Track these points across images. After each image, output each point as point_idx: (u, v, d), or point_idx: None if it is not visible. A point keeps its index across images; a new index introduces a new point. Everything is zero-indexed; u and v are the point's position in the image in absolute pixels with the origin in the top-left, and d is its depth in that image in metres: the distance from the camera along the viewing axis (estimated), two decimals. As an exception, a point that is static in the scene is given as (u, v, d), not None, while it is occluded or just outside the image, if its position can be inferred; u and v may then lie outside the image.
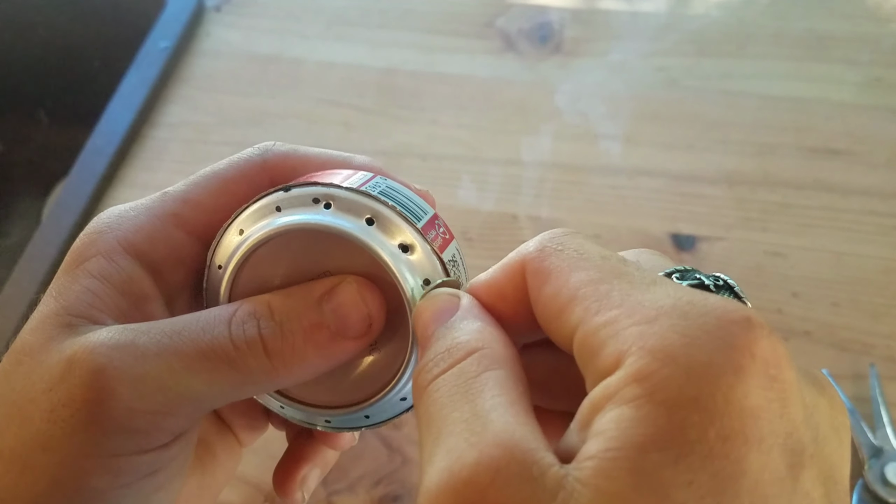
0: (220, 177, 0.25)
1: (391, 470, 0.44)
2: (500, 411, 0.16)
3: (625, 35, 0.64)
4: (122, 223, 0.24)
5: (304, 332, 0.22)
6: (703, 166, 0.55)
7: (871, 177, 0.54)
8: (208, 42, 0.67)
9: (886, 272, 0.50)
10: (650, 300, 0.16)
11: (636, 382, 0.15)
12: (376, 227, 0.22)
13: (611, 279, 0.17)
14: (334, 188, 0.22)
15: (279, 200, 0.23)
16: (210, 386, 0.21)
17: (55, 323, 0.22)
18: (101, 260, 0.23)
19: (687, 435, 0.14)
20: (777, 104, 0.59)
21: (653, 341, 0.15)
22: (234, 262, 0.23)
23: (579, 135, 0.58)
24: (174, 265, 0.24)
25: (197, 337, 0.21)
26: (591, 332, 0.17)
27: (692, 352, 0.15)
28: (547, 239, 0.20)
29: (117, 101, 0.61)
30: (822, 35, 0.62)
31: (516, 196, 0.55)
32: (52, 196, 0.71)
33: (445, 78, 0.62)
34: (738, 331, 0.15)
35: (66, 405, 0.20)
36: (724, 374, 0.14)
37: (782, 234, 0.52)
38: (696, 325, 0.15)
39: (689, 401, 0.14)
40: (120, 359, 0.20)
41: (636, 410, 0.14)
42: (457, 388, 0.17)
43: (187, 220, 0.24)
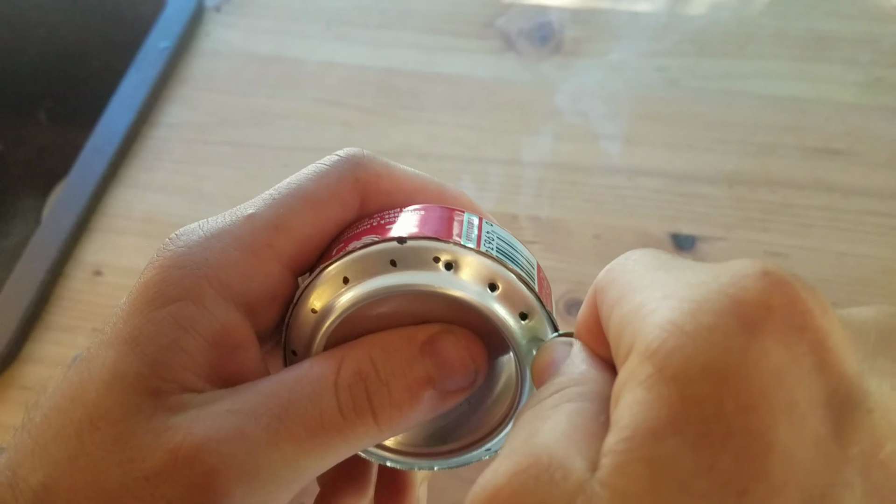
0: (310, 199, 0.22)
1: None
2: (554, 429, 0.15)
3: (625, 35, 0.64)
4: (208, 257, 0.20)
5: (409, 389, 0.20)
6: (703, 166, 0.55)
7: (871, 177, 0.54)
8: (208, 42, 0.67)
9: (886, 272, 0.50)
10: (677, 278, 0.15)
11: (647, 359, 0.13)
12: (499, 294, 0.21)
13: (653, 272, 0.16)
14: (456, 247, 0.20)
15: (393, 253, 0.20)
16: (320, 459, 0.20)
17: (138, 386, 0.19)
18: (189, 305, 0.20)
19: (702, 412, 0.12)
20: (777, 104, 0.59)
21: (663, 314, 0.14)
22: (337, 313, 0.21)
23: (579, 135, 0.58)
24: (268, 303, 0.22)
25: (305, 412, 0.19)
26: (616, 322, 0.16)
27: (699, 316, 0.13)
28: (614, 261, 0.19)
29: (117, 101, 0.61)
30: (823, 35, 0.62)
31: (516, 196, 0.54)
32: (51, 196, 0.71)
33: (445, 78, 0.62)
34: (749, 284, 0.13)
35: (172, 502, 0.18)
36: (734, 334, 0.13)
37: (782, 234, 0.52)
38: (707, 289, 0.14)
39: (699, 372, 0.13)
40: (232, 455, 0.18)
41: (647, 391, 0.13)
42: (530, 417, 0.16)
43: (281, 250, 0.21)
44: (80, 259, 0.54)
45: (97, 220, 0.56)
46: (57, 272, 0.53)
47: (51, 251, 0.53)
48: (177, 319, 0.19)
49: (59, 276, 0.53)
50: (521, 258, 0.22)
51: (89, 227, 0.55)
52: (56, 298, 0.52)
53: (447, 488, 0.43)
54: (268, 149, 0.59)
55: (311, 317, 0.22)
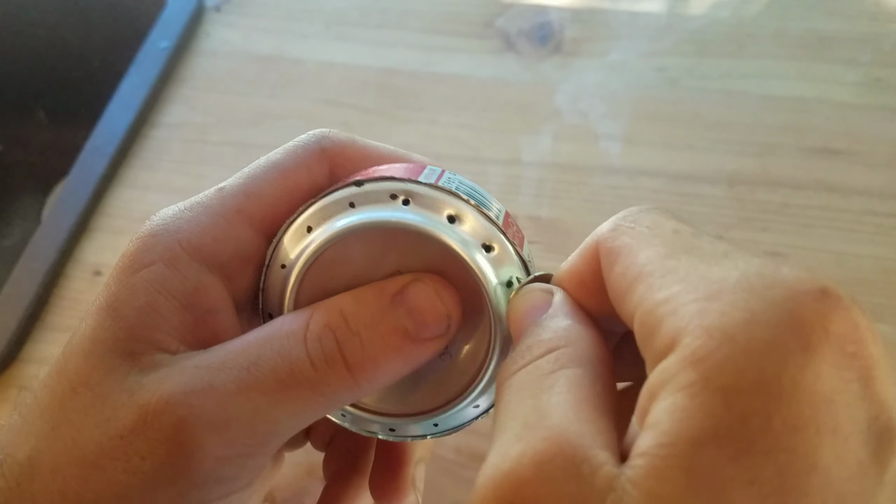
0: (279, 168, 0.23)
1: (391, 470, 0.44)
2: (563, 406, 0.15)
3: (625, 35, 0.64)
4: (180, 224, 0.21)
5: (381, 339, 0.20)
6: (703, 166, 0.55)
7: (871, 177, 0.54)
8: (208, 42, 0.67)
9: (886, 272, 0.50)
10: (717, 273, 0.14)
11: (691, 366, 0.13)
12: (458, 224, 0.20)
13: (678, 254, 0.16)
14: (413, 184, 0.21)
15: (352, 196, 0.21)
16: (296, 415, 0.20)
17: (114, 350, 0.19)
18: (161, 268, 0.20)
19: (748, 425, 0.12)
20: (777, 104, 0.59)
21: (711, 318, 0.13)
22: (303, 261, 0.21)
23: (579, 135, 0.58)
24: (241, 265, 0.22)
25: (275, 365, 0.19)
26: (649, 310, 0.15)
27: (754, 329, 0.13)
28: (621, 217, 0.18)
29: (117, 101, 0.61)
30: (822, 35, 0.62)
31: (516, 196, 0.54)
32: (51, 196, 0.71)
33: (445, 78, 0.62)
34: (808, 302, 0.13)
35: (146, 458, 0.18)
36: (791, 353, 0.13)
37: (782, 234, 0.52)
38: (761, 299, 0.13)
39: (750, 385, 0.12)
40: (201, 406, 0.18)
41: (691, 399, 0.13)
42: (527, 383, 0.16)
43: (251, 214, 0.22)
44: (80, 259, 0.54)
45: (97, 220, 0.56)
46: (57, 272, 0.53)
47: (51, 251, 0.53)
48: (150, 282, 0.20)
49: (59, 276, 0.53)
50: (484, 199, 0.21)
51: (89, 227, 0.55)
52: (56, 298, 0.52)
53: (447, 488, 0.43)
54: (268, 149, 0.59)
55: (281, 273, 0.22)
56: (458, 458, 0.44)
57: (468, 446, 0.44)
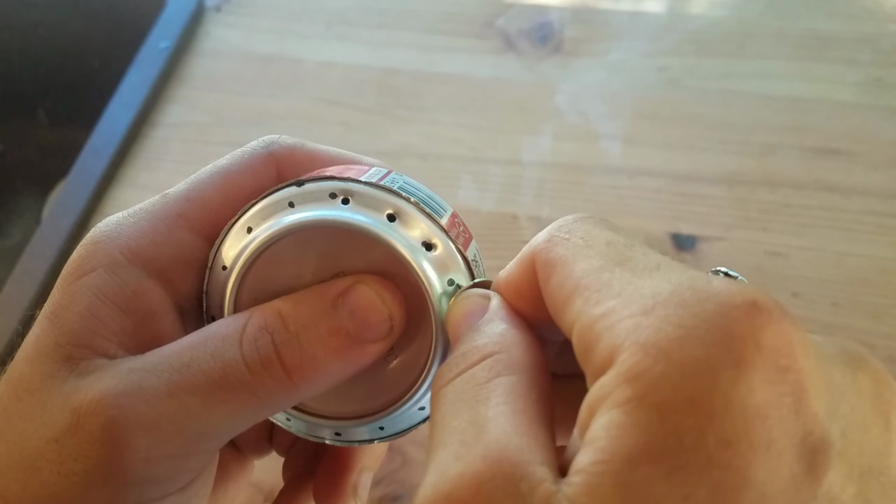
0: (223, 172, 0.23)
1: (391, 470, 0.44)
2: (500, 420, 0.15)
3: (625, 35, 0.64)
4: (121, 230, 0.21)
5: (321, 341, 0.20)
6: (704, 166, 0.55)
7: (871, 177, 0.54)
8: (208, 42, 0.67)
9: (886, 272, 0.50)
10: (650, 287, 0.15)
11: (627, 383, 0.13)
12: (398, 223, 0.20)
13: (612, 267, 0.16)
14: (352, 182, 0.20)
15: (291, 196, 0.21)
16: (230, 417, 0.19)
17: (54, 355, 0.20)
18: (101, 274, 0.20)
19: (682, 442, 0.12)
20: (777, 104, 0.59)
21: (646, 334, 0.13)
22: (241, 263, 0.21)
23: (579, 135, 0.58)
24: (183, 270, 0.22)
25: (208, 367, 0.19)
26: (587, 325, 0.15)
27: (687, 345, 0.13)
28: (556, 228, 0.18)
29: (117, 101, 0.61)
30: (823, 35, 0.62)
31: (516, 196, 0.54)
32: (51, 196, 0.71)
33: (445, 78, 0.62)
34: (740, 317, 0.13)
35: (78, 460, 0.18)
36: (723, 369, 0.13)
37: (782, 234, 0.52)
38: (693, 314, 0.13)
39: (683, 403, 0.13)
40: (130, 407, 0.18)
41: (627, 416, 0.13)
42: (463, 394, 0.16)
43: (193, 219, 0.22)
44: (80, 259, 0.54)
45: (97, 221, 0.56)
46: (57, 272, 0.52)
47: (51, 251, 0.53)
48: (90, 288, 0.20)
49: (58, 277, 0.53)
50: (428, 198, 0.21)
51: (89, 228, 0.55)
52: (56, 298, 0.52)
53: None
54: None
55: (223, 275, 0.22)
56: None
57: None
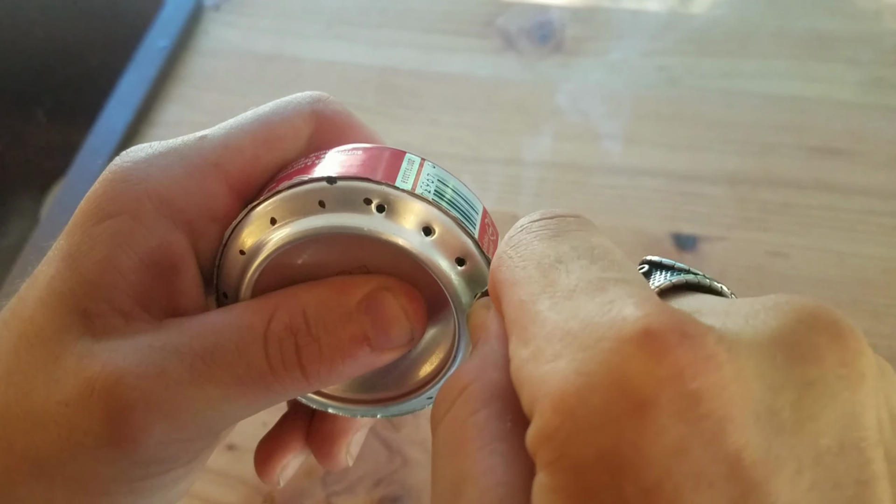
0: (263, 120, 0.22)
1: (391, 471, 0.43)
2: (477, 475, 0.14)
3: (625, 34, 0.64)
4: (151, 172, 0.20)
5: (341, 346, 0.20)
6: (704, 166, 0.55)
7: (872, 176, 0.54)
8: (207, 41, 0.67)
9: (888, 272, 0.49)
10: (561, 325, 0.14)
11: (545, 443, 0.13)
12: (434, 239, 0.20)
13: (539, 296, 0.15)
14: (388, 188, 0.19)
15: (322, 193, 0.19)
16: (244, 407, 0.20)
17: (70, 305, 0.19)
18: (126, 221, 0.19)
19: (601, 500, 0.12)
20: (778, 103, 0.58)
21: (554, 387, 0.13)
22: (263, 255, 0.20)
23: (580, 134, 0.58)
24: (208, 222, 0.21)
25: (232, 360, 0.19)
26: (516, 368, 0.14)
27: (587, 396, 0.12)
28: (507, 240, 0.17)
29: (115, 101, 0.61)
30: (824, 34, 0.62)
31: (516, 196, 0.54)
32: (49, 195, 0.71)
33: (445, 77, 0.62)
34: (632, 353, 0.12)
35: (89, 434, 0.18)
36: (624, 416, 0.12)
37: (783, 233, 0.51)
38: (590, 357, 0.13)
39: (594, 461, 0.12)
40: (151, 391, 0.18)
41: (551, 478, 0.12)
42: (447, 439, 0.16)
43: (227, 169, 0.21)
44: (78, 259, 0.54)
45: (95, 220, 0.56)
46: (55, 272, 0.52)
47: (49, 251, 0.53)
48: (112, 235, 0.19)
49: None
50: (463, 201, 0.20)
51: (87, 227, 0.55)
52: (54, 298, 0.52)
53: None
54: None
55: (240, 258, 0.21)
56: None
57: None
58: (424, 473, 0.43)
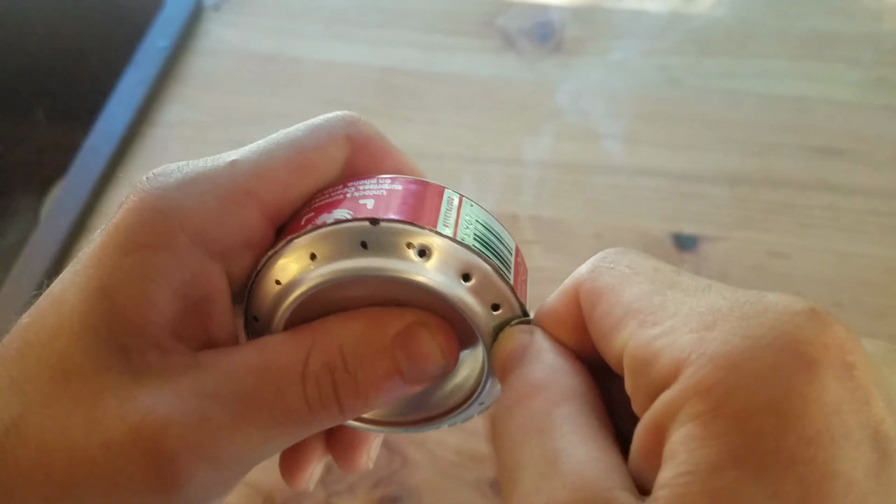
0: (296, 146, 0.21)
1: (391, 471, 0.43)
2: (570, 450, 0.15)
3: (626, 34, 0.64)
4: (184, 201, 0.19)
5: (376, 381, 0.20)
6: (705, 166, 0.55)
7: (873, 177, 0.54)
8: (207, 41, 0.67)
9: (889, 272, 0.49)
10: (706, 305, 0.15)
11: (699, 395, 0.14)
12: (472, 285, 0.20)
13: (664, 290, 0.16)
14: (432, 234, 0.19)
15: (364, 234, 0.20)
16: (283, 445, 0.21)
17: (108, 341, 0.19)
18: (160, 254, 0.19)
19: (764, 445, 0.13)
20: (779, 103, 0.58)
21: (713, 347, 0.14)
22: (301, 290, 0.20)
23: (580, 134, 0.58)
24: (242, 250, 0.21)
25: (272, 402, 0.19)
26: (643, 344, 0.16)
27: (758, 353, 0.14)
28: (598, 260, 0.19)
29: (115, 101, 0.61)
30: (824, 34, 0.62)
31: (517, 196, 0.54)
32: (50, 196, 0.71)
33: (445, 77, 0.62)
34: (803, 322, 0.14)
35: (133, 479, 0.18)
36: (796, 371, 0.13)
37: (784, 234, 0.51)
38: (758, 324, 0.14)
39: (761, 408, 0.13)
40: (196, 440, 0.18)
41: (704, 427, 0.13)
42: (526, 427, 0.17)
43: (261, 198, 0.20)
44: (78, 259, 0.54)
45: (95, 220, 0.56)
46: (55, 272, 0.52)
47: (49, 251, 0.53)
48: (146, 268, 0.19)
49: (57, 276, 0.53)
50: (500, 244, 0.21)
51: (87, 227, 0.55)
52: (54, 298, 0.52)
53: (447, 489, 0.43)
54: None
55: (275, 288, 0.21)
56: (458, 460, 0.43)
57: (468, 448, 0.44)
58: (424, 474, 0.43)
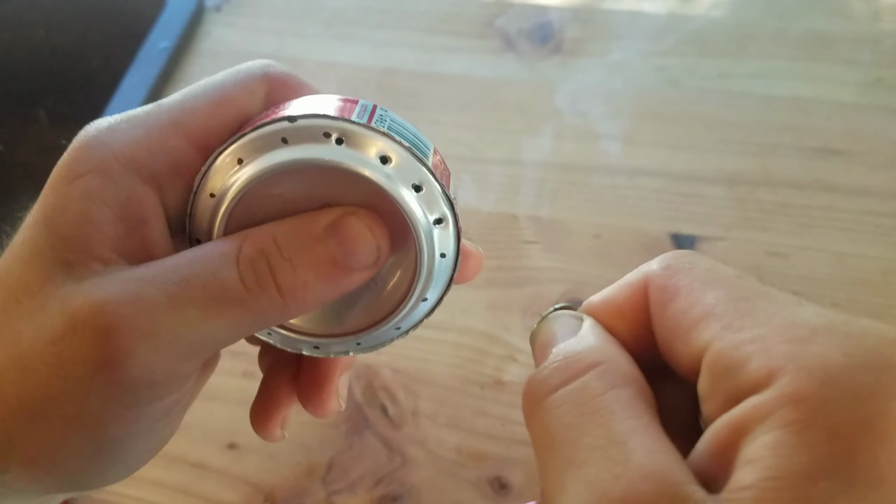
0: (217, 86, 0.24)
1: (391, 470, 0.44)
2: (639, 438, 0.15)
3: (625, 35, 0.64)
4: (114, 135, 0.22)
5: (313, 266, 0.21)
6: (704, 166, 0.55)
7: (871, 177, 0.54)
8: (208, 42, 0.67)
9: (886, 272, 0.50)
10: (801, 318, 0.15)
11: (793, 404, 0.14)
12: (389, 164, 0.21)
13: (753, 297, 0.17)
14: (346, 122, 0.21)
15: (284, 131, 0.21)
16: (225, 329, 0.21)
17: (51, 259, 0.20)
18: (95, 178, 0.21)
19: (856, 461, 0.13)
20: (777, 104, 0.59)
21: (810, 360, 0.14)
22: (233, 193, 0.22)
23: (579, 135, 0.58)
24: (174, 178, 0.22)
25: (207, 282, 0.20)
26: (731, 346, 0.16)
27: (857, 372, 0.14)
28: (671, 258, 0.19)
29: (117, 101, 0.61)
30: (823, 35, 0.62)
31: (516, 196, 0.54)
32: (51, 196, 0.71)
33: (445, 78, 0.62)
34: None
35: (78, 364, 0.19)
36: (893, 396, 0.14)
37: (782, 234, 0.52)
38: (857, 345, 0.15)
39: (857, 425, 0.14)
40: (130, 315, 0.19)
41: (795, 436, 0.14)
42: (582, 406, 0.16)
43: (186, 127, 0.22)
44: (79, 259, 0.54)
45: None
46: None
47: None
48: (84, 192, 0.21)
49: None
50: (415, 138, 0.22)
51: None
52: (56, 298, 0.52)
53: (447, 489, 0.43)
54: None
55: (210, 201, 0.22)
56: (458, 458, 0.44)
57: (469, 446, 0.44)
58: (424, 472, 0.43)
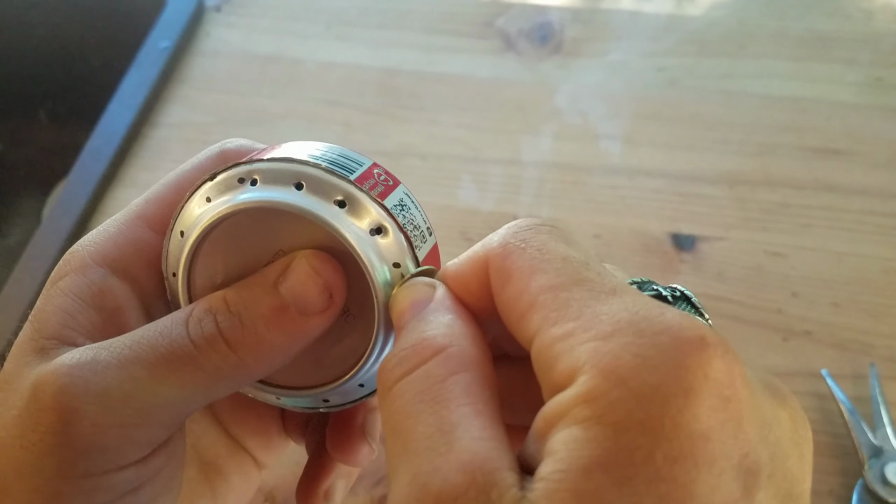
0: (178, 172, 0.25)
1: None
2: (466, 425, 0.16)
3: (625, 35, 0.64)
4: (92, 238, 0.24)
5: (264, 319, 0.21)
6: (704, 166, 0.55)
7: (871, 177, 0.54)
8: (208, 42, 0.67)
9: (886, 272, 0.50)
10: (608, 313, 0.16)
11: (586, 403, 0.15)
12: (306, 190, 0.21)
13: (570, 286, 0.17)
14: (255, 162, 0.22)
15: (207, 191, 0.22)
16: (179, 389, 0.21)
17: (30, 349, 0.22)
18: (73, 277, 0.23)
19: (632, 457, 0.14)
20: (777, 104, 0.59)
21: (605, 360, 0.15)
22: (182, 265, 0.23)
23: (579, 135, 0.58)
24: (145, 267, 0.24)
25: (156, 342, 0.21)
26: (547, 344, 0.16)
27: (643, 373, 0.15)
28: (510, 235, 0.19)
29: (117, 101, 0.61)
30: (823, 35, 0.62)
31: (516, 196, 0.55)
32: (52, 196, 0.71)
33: (445, 78, 0.62)
34: (690, 350, 0.15)
35: (34, 429, 0.20)
36: (673, 396, 0.14)
37: (782, 234, 0.52)
38: (649, 344, 0.15)
39: (636, 424, 0.14)
40: (81, 376, 0.20)
41: (584, 431, 0.14)
42: (422, 394, 0.17)
43: (150, 216, 0.24)
44: (80, 259, 0.54)
45: (97, 220, 0.56)
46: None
47: (51, 251, 0.53)
48: (62, 290, 0.23)
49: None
50: (341, 158, 0.22)
51: (89, 227, 0.55)
52: (56, 298, 0.52)
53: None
54: (268, 149, 0.59)
55: (173, 281, 0.24)
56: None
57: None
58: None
